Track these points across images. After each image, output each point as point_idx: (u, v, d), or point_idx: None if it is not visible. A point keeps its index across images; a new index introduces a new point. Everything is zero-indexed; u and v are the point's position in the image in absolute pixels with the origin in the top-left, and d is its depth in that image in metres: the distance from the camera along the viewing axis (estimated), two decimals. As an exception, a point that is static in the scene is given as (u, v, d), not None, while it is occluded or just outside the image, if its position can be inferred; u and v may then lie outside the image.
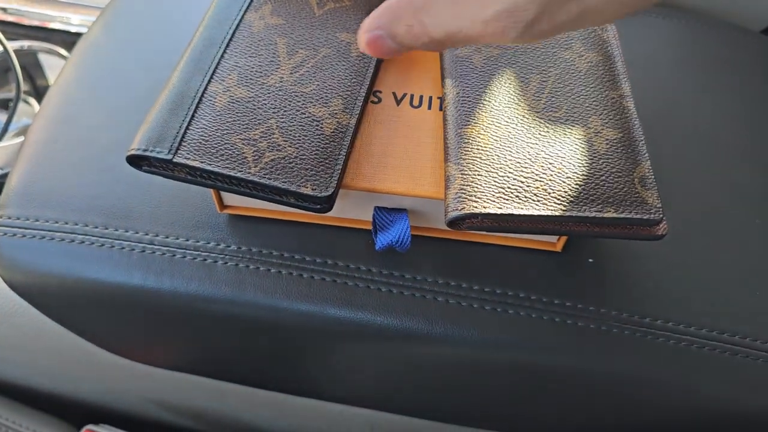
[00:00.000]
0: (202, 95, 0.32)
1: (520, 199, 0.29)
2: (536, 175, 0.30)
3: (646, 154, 0.31)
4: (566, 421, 0.41)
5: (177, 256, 0.35)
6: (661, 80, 0.45)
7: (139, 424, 0.52)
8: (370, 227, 0.35)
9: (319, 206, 0.30)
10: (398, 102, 0.35)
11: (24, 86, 0.56)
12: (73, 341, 0.45)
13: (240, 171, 0.29)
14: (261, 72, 0.33)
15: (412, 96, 0.36)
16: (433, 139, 0.34)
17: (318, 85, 0.33)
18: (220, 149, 0.30)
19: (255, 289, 0.34)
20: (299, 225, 0.36)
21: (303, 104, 0.32)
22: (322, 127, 0.32)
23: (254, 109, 0.31)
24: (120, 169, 0.38)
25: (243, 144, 0.30)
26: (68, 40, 0.66)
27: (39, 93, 0.68)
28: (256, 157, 0.30)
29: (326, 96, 0.33)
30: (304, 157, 0.30)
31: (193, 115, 0.31)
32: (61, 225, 0.36)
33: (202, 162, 0.29)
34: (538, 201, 0.29)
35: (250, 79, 0.33)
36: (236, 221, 0.36)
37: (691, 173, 0.40)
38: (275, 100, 0.32)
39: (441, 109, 0.35)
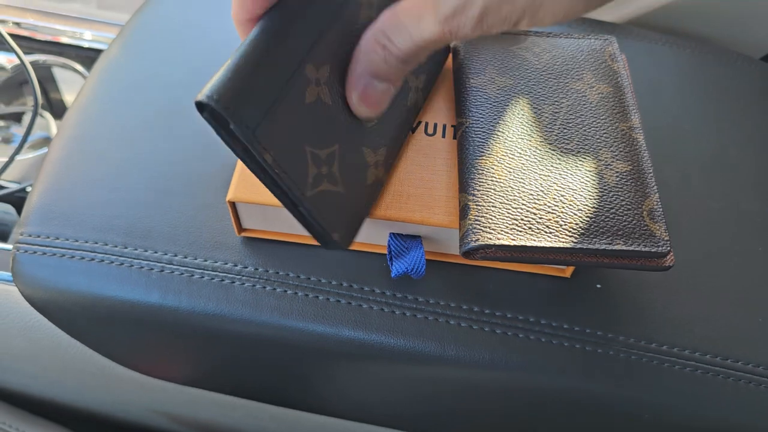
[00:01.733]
0: (296, 72, 0.26)
1: (532, 231, 0.30)
2: (548, 207, 0.31)
3: (655, 187, 0.32)
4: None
5: (195, 276, 0.36)
6: (666, 108, 0.46)
7: (147, 435, 0.53)
8: (385, 251, 0.36)
9: (331, 247, 0.30)
10: (414, 129, 0.36)
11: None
12: (87, 355, 0.46)
13: (297, 188, 0.26)
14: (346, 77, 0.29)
15: (426, 124, 0.37)
16: (447, 168, 0.35)
17: (377, 123, 0.31)
18: (293, 151, 0.26)
19: (271, 310, 0.35)
20: (315, 248, 0.37)
21: (362, 139, 0.30)
22: (366, 175, 0.31)
23: (331, 123, 0.28)
24: (139, 189, 0.39)
25: (311, 159, 0.27)
26: (81, 54, 0.67)
27: (52, 106, 0.69)
28: (315, 182, 0.27)
29: (378, 140, 0.31)
30: (345, 201, 0.28)
31: (287, 90, 0.25)
32: (81, 243, 0.37)
33: (274, 156, 0.25)
34: (550, 233, 0.30)
35: (338, 82, 0.28)
36: (254, 243, 0.37)
37: (696, 201, 0.41)
38: (345, 122, 0.29)
39: (455, 138, 0.36)
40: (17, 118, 0.67)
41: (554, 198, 0.31)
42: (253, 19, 0.27)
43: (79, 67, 0.66)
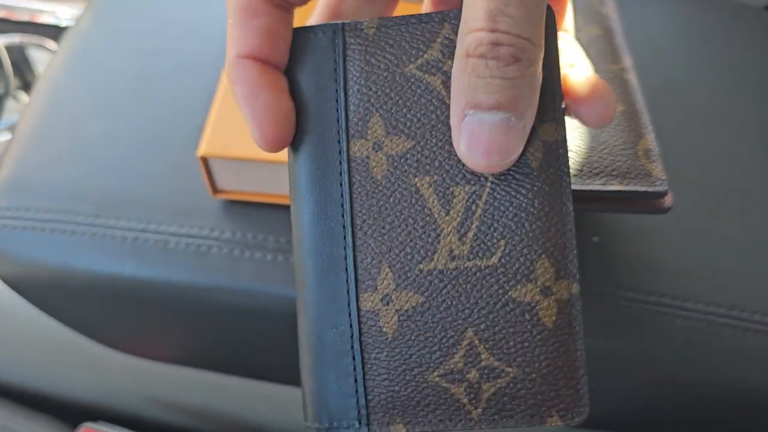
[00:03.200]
0: (359, 323, 0.22)
1: None
2: None
3: (650, 127, 0.30)
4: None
5: (170, 245, 0.34)
6: (664, 56, 0.44)
7: (136, 420, 0.52)
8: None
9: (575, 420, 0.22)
10: None
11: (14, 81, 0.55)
12: (67, 337, 0.45)
13: (461, 422, 0.21)
14: (417, 250, 0.21)
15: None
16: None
17: (507, 244, 0.21)
18: (423, 399, 0.21)
19: (251, 277, 0.33)
20: (295, 209, 0.35)
21: (499, 288, 0.21)
22: (538, 318, 0.21)
23: (438, 321, 0.21)
24: (110, 159, 0.37)
25: (448, 382, 0.21)
26: (58, 34, 0.66)
27: (29, 88, 0.68)
28: (473, 396, 0.21)
29: (525, 261, 0.21)
30: (532, 374, 0.21)
31: (363, 362, 0.22)
32: (52, 215, 0.36)
33: (408, 424, 0.21)
34: None
35: (408, 269, 0.21)
36: (230, 207, 0.35)
37: (694, 149, 0.39)
38: (460, 295, 0.21)
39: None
40: (-5, 102, 0.65)
41: None
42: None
43: (55, 46, 0.65)
